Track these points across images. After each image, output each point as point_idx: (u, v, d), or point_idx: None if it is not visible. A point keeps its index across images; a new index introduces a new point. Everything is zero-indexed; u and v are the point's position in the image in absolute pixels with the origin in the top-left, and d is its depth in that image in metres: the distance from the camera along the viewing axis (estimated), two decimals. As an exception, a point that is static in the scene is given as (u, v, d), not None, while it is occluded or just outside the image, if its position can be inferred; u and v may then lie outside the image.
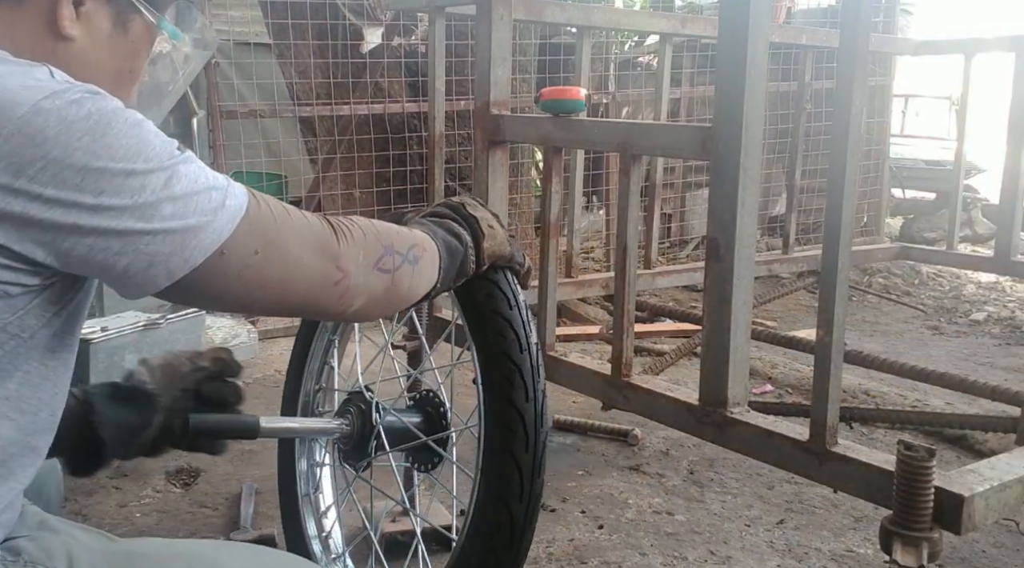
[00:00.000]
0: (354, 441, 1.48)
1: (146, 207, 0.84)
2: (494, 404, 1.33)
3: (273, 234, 0.94)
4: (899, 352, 3.81)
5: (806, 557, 2.11)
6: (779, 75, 4.71)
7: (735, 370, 1.75)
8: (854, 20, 1.53)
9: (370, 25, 4.08)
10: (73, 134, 0.81)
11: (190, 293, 0.91)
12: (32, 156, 0.80)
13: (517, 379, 1.33)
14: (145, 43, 1.03)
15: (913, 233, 6.31)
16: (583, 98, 2.08)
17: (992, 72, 4.13)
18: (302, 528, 1.77)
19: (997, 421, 2.58)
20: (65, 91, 0.83)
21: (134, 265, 0.85)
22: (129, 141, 0.84)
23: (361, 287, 1.01)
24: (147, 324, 2.80)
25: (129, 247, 0.84)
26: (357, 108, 4.14)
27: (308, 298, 0.98)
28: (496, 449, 1.32)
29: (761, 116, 1.70)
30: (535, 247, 4.24)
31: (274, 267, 0.94)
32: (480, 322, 1.36)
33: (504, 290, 1.35)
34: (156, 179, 0.85)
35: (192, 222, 0.87)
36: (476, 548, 1.33)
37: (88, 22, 0.96)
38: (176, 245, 0.86)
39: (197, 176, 0.88)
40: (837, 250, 1.55)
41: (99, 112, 0.84)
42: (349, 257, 1.00)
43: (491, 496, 1.32)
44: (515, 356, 1.34)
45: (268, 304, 0.97)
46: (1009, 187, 3.43)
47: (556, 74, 4.63)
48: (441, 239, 1.17)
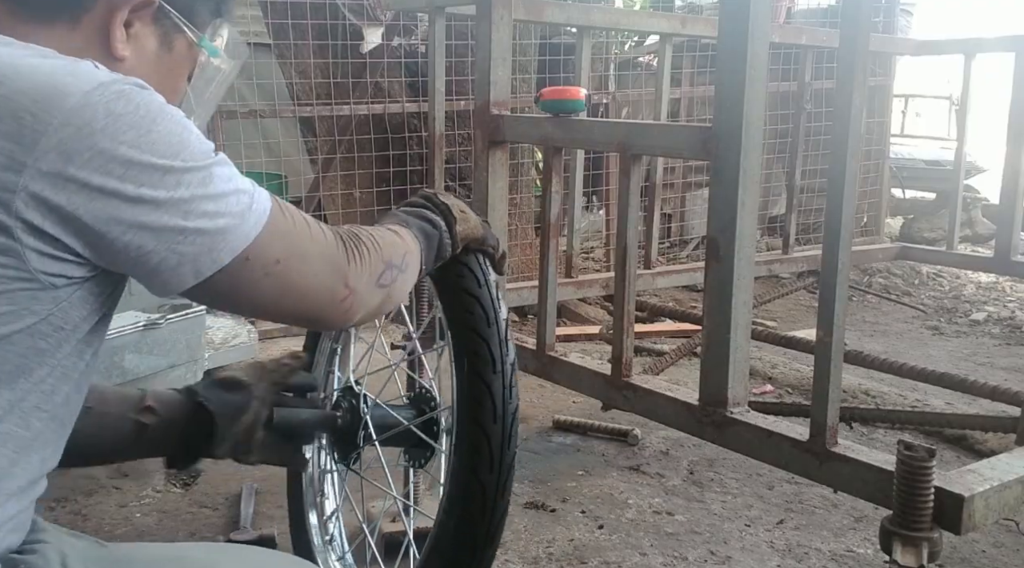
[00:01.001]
0: (343, 434, 1.50)
1: (182, 204, 0.87)
2: (464, 379, 1.37)
3: (293, 245, 0.97)
4: (899, 352, 3.81)
5: (806, 557, 2.11)
6: (779, 75, 4.71)
7: (735, 370, 1.75)
8: (854, 20, 1.53)
9: (370, 25, 4.07)
10: (120, 127, 0.84)
11: (213, 294, 0.94)
12: (80, 147, 0.82)
13: (484, 352, 1.37)
14: (188, 60, 1.08)
15: (913, 233, 6.31)
16: (583, 98, 2.08)
17: (992, 72, 4.13)
18: (306, 527, 1.78)
19: (997, 421, 2.58)
20: (112, 83, 0.86)
21: (165, 263, 0.88)
22: (171, 138, 0.87)
23: (363, 303, 1.06)
24: (147, 324, 2.79)
25: (162, 244, 0.87)
26: (357, 108, 4.13)
27: (315, 311, 1.02)
28: (466, 421, 1.36)
29: (761, 116, 1.70)
30: (535, 247, 4.24)
31: (292, 277, 0.97)
32: (451, 301, 1.40)
33: (473, 270, 1.39)
34: (193, 177, 0.88)
35: (222, 223, 0.90)
36: (452, 519, 1.37)
37: (136, 42, 1.00)
38: (206, 245, 0.89)
39: (230, 178, 0.92)
40: (837, 250, 1.55)
41: (145, 106, 0.87)
42: (356, 276, 1.04)
43: (463, 467, 1.35)
44: (482, 331, 1.37)
45: (280, 313, 1.01)
46: (1009, 187, 3.43)
47: (556, 74, 4.63)
48: (417, 228, 1.23)
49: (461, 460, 1.36)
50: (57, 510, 2.26)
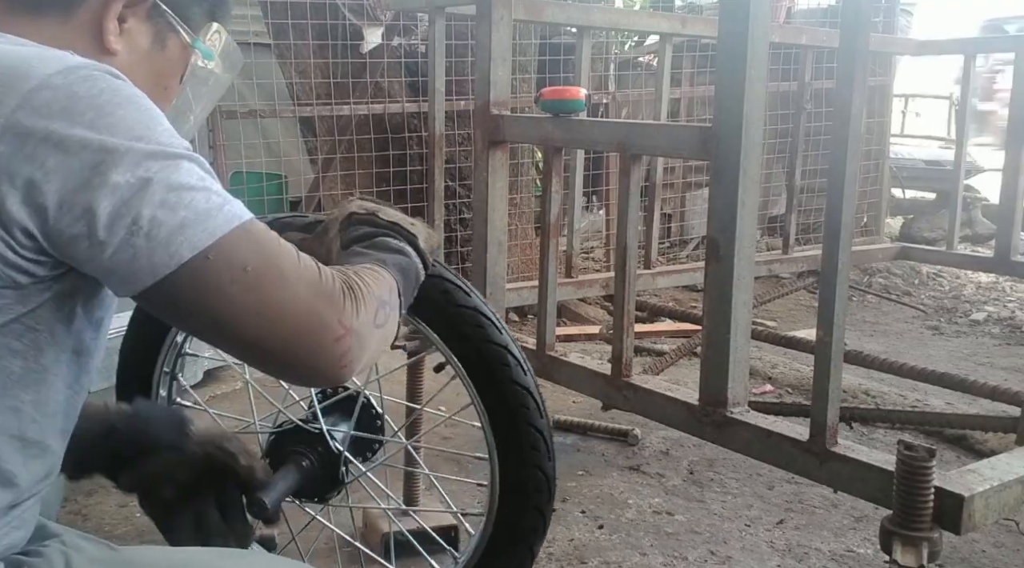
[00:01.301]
0: (320, 477, 1.44)
1: (138, 189, 0.82)
2: (494, 384, 1.41)
3: (271, 257, 0.88)
4: (899, 352, 3.81)
5: (806, 557, 2.11)
6: (779, 75, 4.71)
7: (735, 370, 1.75)
8: (854, 20, 1.53)
9: (370, 25, 4.07)
10: (78, 108, 0.81)
11: (170, 301, 0.86)
12: (35, 127, 0.80)
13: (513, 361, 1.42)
14: (180, 61, 1.05)
15: (913, 233, 6.30)
16: (583, 98, 2.08)
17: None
18: None
19: (997, 421, 2.58)
20: (81, 67, 0.84)
21: (119, 256, 0.82)
22: (135, 124, 0.83)
23: (362, 347, 0.93)
24: (147, 324, 2.79)
25: (115, 234, 0.81)
26: (357, 108, 4.13)
27: (304, 348, 0.89)
28: (516, 422, 1.40)
29: (761, 116, 1.70)
30: (535, 247, 4.24)
31: (268, 294, 0.87)
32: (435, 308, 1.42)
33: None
34: (154, 163, 0.83)
35: (182, 215, 0.83)
36: (520, 470, 1.43)
37: (129, 38, 0.99)
38: (163, 238, 0.82)
39: (200, 177, 0.86)
40: (837, 250, 1.55)
41: (111, 91, 0.84)
42: (353, 314, 0.92)
43: (518, 422, 1.40)
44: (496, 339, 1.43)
45: (257, 339, 0.88)
46: (1009, 187, 3.43)
47: (556, 74, 4.63)
48: (392, 265, 1.09)
49: (522, 456, 1.42)
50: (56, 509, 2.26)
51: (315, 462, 1.43)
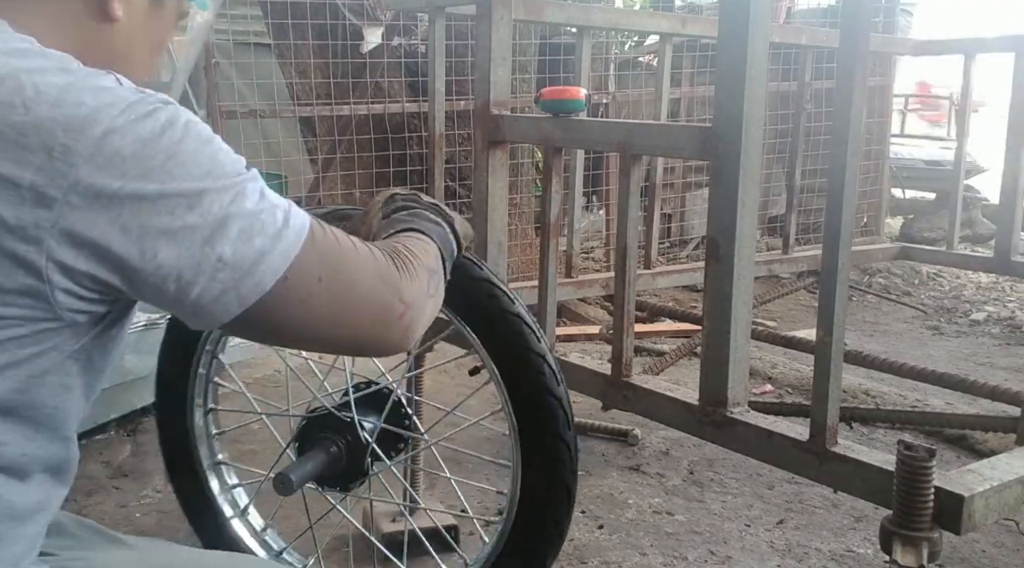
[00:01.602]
0: (343, 464, 1.47)
1: (216, 226, 0.83)
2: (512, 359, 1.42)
3: (337, 261, 0.92)
4: (899, 352, 3.81)
5: (806, 557, 2.11)
6: (779, 75, 4.71)
7: (735, 370, 1.75)
8: (854, 20, 1.53)
9: (370, 25, 4.07)
10: (148, 153, 0.81)
11: (257, 323, 0.88)
12: (110, 178, 0.79)
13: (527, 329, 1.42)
14: (175, 14, 1.06)
15: (913, 233, 6.31)
16: (583, 98, 2.08)
17: (993, 72, 4.13)
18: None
19: (997, 421, 2.58)
20: (138, 103, 0.83)
21: (207, 293, 0.84)
22: (201, 158, 0.84)
23: (419, 317, 0.99)
24: (147, 324, 2.79)
25: (201, 274, 0.83)
26: (357, 108, 4.13)
27: (373, 332, 0.95)
28: (544, 432, 1.40)
29: (761, 116, 1.70)
30: (535, 247, 4.24)
31: (340, 297, 0.92)
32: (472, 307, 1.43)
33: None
34: (225, 197, 0.84)
35: (258, 244, 0.85)
36: (543, 481, 1.42)
37: (130, 2, 0.98)
38: (244, 270, 0.84)
39: (260, 194, 0.87)
40: (837, 250, 1.55)
41: (171, 126, 0.83)
42: (409, 289, 0.98)
43: (546, 432, 1.40)
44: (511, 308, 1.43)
45: (331, 338, 0.94)
46: (1009, 187, 3.43)
47: (556, 74, 4.63)
48: (436, 235, 1.16)
49: (544, 427, 1.41)
50: (57, 510, 2.26)
51: (343, 449, 1.46)
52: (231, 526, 1.77)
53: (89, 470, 2.45)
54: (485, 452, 2.52)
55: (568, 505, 1.44)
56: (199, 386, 1.71)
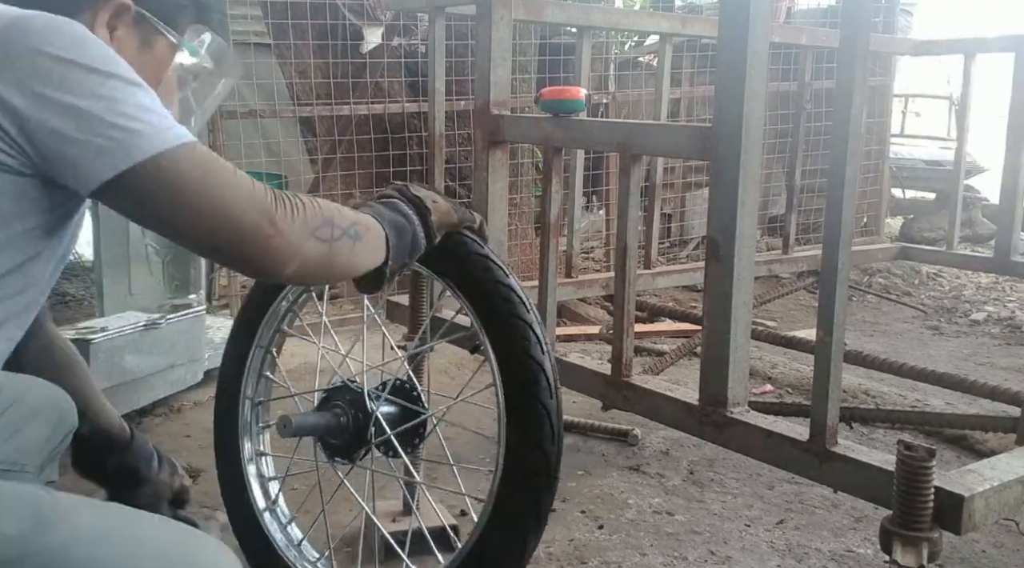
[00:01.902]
0: (348, 433, 1.55)
1: (104, 100, 0.99)
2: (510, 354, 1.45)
3: (212, 171, 1.04)
4: (899, 352, 3.81)
5: (806, 557, 2.11)
6: (779, 75, 4.71)
7: (735, 370, 1.75)
8: (854, 20, 1.53)
9: (370, 25, 4.08)
10: (55, 35, 0.99)
11: (128, 196, 1.02)
12: (18, 47, 0.98)
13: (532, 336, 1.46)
14: (167, 59, 1.21)
15: (913, 233, 6.31)
16: (583, 98, 2.08)
17: (992, 72, 4.13)
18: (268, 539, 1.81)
19: (997, 421, 2.58)
20: (59, 19, 1.02)
21: (84, 152, 0.98)
22: (103, 54, 1.02)
23: (295, 249, 1.08)
24: (147, 324, 2.79)
25: (82, 132, 0.97)
26: (357, 108, 4.13)
27: (239, 243, 1.05)
28: (525, 397, 1.43)
29: (761, 116, 1.70)
30: (535, 247, 4.24)
31: (207, 198, 1.03)
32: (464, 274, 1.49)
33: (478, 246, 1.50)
34: (118, 84, 1.01)
35: (139, 126, 1.00)
36: (519, 491, 1.43)
37: (119, 43, 1.14)
38: (123, 141, 0.98)
39: (156, 104, 1.03)
40: (837, 250, 1.55)
41: (83, 32, 1.02)
42: (284, 219, 1.07)
43: (527, 441, 1.43)
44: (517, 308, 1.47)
45: (202, 234, 1.05)
46: (1009, 187, 3.43)
47: (556, 74, 4.63)
48: (388, 219, 1.28)
49: (525, 434, 1.43)
50: (57, 510, 2.26)
51: (348, 415, 1.55)
52: (264, 519, 1.82)
53: (89, 470, 2.44)
54: (486, 446, 2.52)
55: (548, 475, 1.43)
56: (251, 379, 1.83)
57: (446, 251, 1.44)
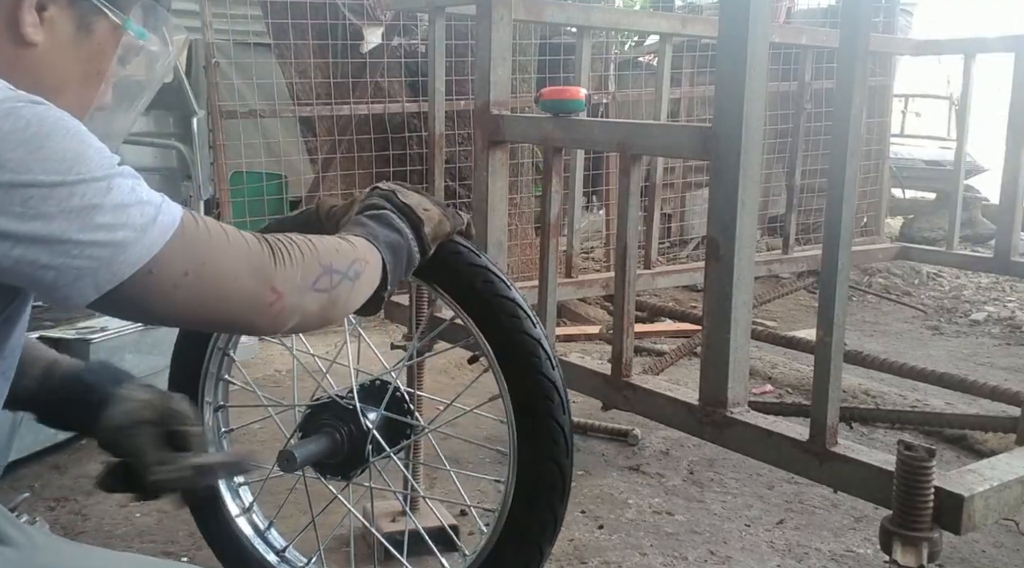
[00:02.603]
0: (345, 452, 1.49)
1: (75, 216, 0.85)
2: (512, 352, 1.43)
3: (206, 255, 0.94)
4: (899, 352, 3.81)
5: (806, 557, 2.11)
6: (779, 75, 4.71)
7: (735, 370, 1.75)
8: (854, 20, 1.53)
9: (370, 25, 4.08)
10: (6, 146, 0.82)
11: (120, 307, 0.91)
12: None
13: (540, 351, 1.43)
14: (111, 43, 1.02)
15: (913, 233, 6.31)
16: (583, 98, 2.08)
17: (992, 72, 4.13)
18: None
19: (997, 421, 2.58)
20: (3, 102, 0.84)
21: (62, 278, 0.86)
22: (65, 153, 0.85)
23: (296, 307, 1.02)
24: (147, 324, 2.79)
25: (56, 259, 0.85)
26: (357, 108, 4.14)
27: (240, 318, 0.99)
28: (538, 415, 1.41)
29: (761, 116, 1.70)
30: (535, 247, 4.24)
31: (206, 289, 0.94)
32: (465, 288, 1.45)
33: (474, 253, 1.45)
34: (88, 189, 0.86)
35: (121, 236, 0.87)
36: (535, 505, 1.42)
37: (52, 26, 0.96)
38: (104, 259, 0.86)
39: (132, 189, 0.89)
40: (837, 250, 1.55)
41: (38, 122, 0.84)
42: (284, 279, 1.00)
43: (542, 456, 1.41)
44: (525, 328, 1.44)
45: (199, 322, 0.98)
46: (1009, 187, 3.43)
47: (556, 74, 4.63)
48: (383, 241, 1.19)
49: (539, 450, 1.41)
50: (57, 510, 2.26)
51: (345, 436, 1.49)
52: (236, 525, 1.77)
53: (88, 470, 2.45)
54: (483, 450, 2.52)
55: (563, 489, 1.43)
56: (209, 384, 1.74)
57: (442, 263, 1.40)
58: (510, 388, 1.43)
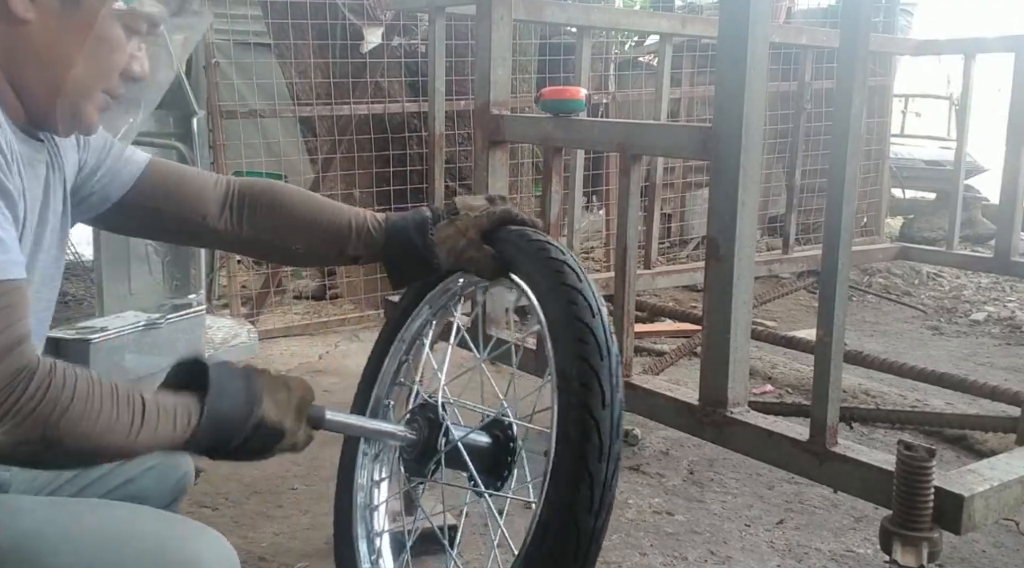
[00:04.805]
0: (416, 453, 1.45)
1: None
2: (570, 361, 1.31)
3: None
4: (899, 352, 3.81)
5: (806, 557, 2.11)
6: (779, 75, 4.71)
7: (735, 370, 1.75)
8: (854, 20, 1.53)
9: (370, 25, 4.07)
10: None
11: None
12: None
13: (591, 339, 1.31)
14: (101, 9, 1.01)
15: (913, 233, 6.31)
16: (583, 98, 2.08)
17: (992, 72, 4.13)
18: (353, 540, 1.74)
19: (997, 421, 2.58)
20: None
21: None
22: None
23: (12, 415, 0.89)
24: (147, 324, 2.79)
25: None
26: (357, 108, 4.14)
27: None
28: (575, 406, 1.28)
29: (761, 116, 1.70)
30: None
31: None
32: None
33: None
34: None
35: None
36: (555, 511, 1.28)
37: (39, 1, 0.97)
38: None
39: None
40: (837, 250, 1.55)
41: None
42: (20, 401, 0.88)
43: (569, 453, 1.28)
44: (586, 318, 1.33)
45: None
46: (1009, 187, 3.43)
47: (556, 74, 4.63)
48: (208, 427, 1.02)
49: (569, 449, 1.28)
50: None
51: (422, 426, 1.44)
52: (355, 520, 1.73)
53: (89, 470, 2.44)
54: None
55: (599, 447, 1.27)
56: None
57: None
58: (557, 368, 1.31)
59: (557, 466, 1.29)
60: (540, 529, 1.28)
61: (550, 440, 1.30)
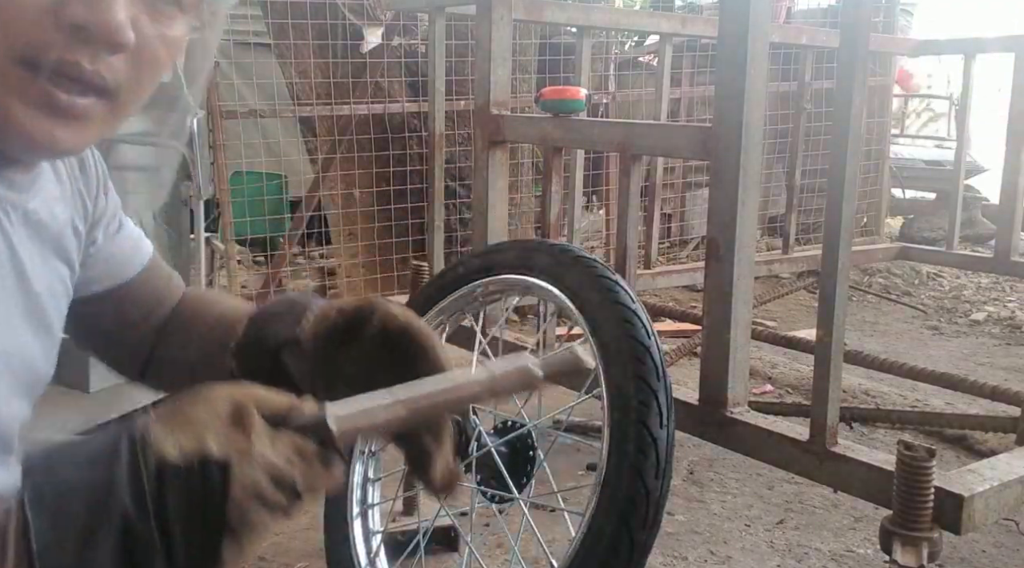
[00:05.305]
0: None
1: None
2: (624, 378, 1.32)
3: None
4: (899, 352, 3.81)
5: (806, 557, 2.11)
6: (779, 75, 4.71)
7: (735, 370, 1.75)
8: (854, 20, 1.53)
9: (370, 25, 4.07)
10: None
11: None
12: None
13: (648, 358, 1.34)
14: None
15: (913, 233, 6.31)
16: (583, 98, 2.08)
17: (992, 72, 4.13)
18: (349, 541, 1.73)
19: (997, 421, 2.58)
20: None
21: None
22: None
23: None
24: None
25: None
26: (357, 108, 4.13)
27: None
28: (634, 422, 1.29)
29: (761, 116, 1.70)
30: (535, 247, 4.23)
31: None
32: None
33: None
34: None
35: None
36: (609, 523, 1.29)
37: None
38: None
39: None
40: (837, 250, 1.55)
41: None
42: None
43: (626, 468, 1.28)
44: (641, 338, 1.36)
45: None
46: (1009, 187, 3.43)
47: (556, 74, 4.63)
48: None
49: (624, 461, 1.29)
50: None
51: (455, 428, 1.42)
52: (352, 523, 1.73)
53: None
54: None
55: (657, 468, 1.30)
56: None
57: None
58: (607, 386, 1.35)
59: (612, 480, 1.29)
60: (590, 539, 1.28)
61: (600, 453, 1.30)
